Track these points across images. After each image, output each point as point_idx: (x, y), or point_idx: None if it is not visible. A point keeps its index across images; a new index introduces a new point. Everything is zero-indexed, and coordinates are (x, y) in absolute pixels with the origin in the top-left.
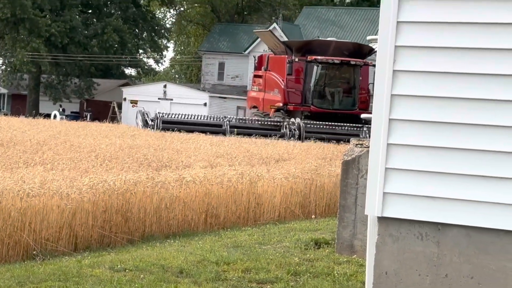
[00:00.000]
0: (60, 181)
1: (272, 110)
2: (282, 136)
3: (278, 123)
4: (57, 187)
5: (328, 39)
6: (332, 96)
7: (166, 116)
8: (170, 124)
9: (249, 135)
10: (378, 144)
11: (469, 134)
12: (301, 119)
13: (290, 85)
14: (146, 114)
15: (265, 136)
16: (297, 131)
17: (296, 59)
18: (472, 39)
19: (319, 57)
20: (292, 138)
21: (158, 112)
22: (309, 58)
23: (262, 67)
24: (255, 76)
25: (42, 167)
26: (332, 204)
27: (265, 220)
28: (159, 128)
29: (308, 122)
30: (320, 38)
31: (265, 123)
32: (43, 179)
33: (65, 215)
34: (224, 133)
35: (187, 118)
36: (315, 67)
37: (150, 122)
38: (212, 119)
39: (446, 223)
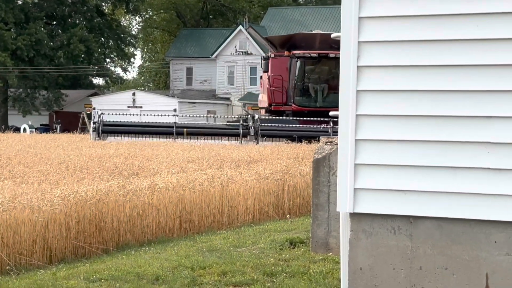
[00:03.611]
0: (31, 194)
1: (262, 111)
2: (245, 136)
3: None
4: (28, 201)
5: (313, 31)
6: (315, 93)
7: (107, 119)
8: (112, 127)
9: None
10: (347, 141)
11: (436, 126)
12: (260, 119)
13: (276, 84)
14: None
15: (221, 137)
16: (253, 132)
17: (272, 55)
18: (434, 30)
19: (296, 52)
20: (245, 140)
21: (99, 114)
22: (286, 53)
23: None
24: (261, 78)
25: (12, 181)
26: (305, 203)
27: (240, 223)
28: (99, 134)
29: (267, 119)
30: (303, 32)
31: (226, 124)
32: (14, 193)
33: (38, 228)
34: (171, 134)
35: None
36: (295, 63)
37: (92, 126)
38: (161, 121)
39: (418, 216)
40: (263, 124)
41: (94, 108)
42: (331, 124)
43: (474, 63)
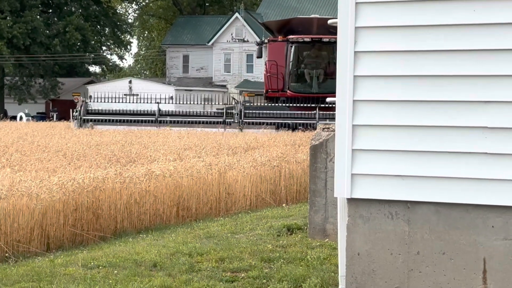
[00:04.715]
0: (29, 182)
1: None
2: (228, 124)
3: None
4: (26, 188)
5: (311, 16)
6: (311, 79)
7: (90, 107)
8: (94, 116)
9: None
10: (344, 126)
11: (433, 111)
12: (245, 105)
13: (273, 70)
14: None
15: (206, 125)
16: (237, 120)
17: (266, 41)
18: (432, 15)
19: (290, 37)
20: (229, 128)
21: (83, 100)
22: (280, 38)
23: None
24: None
25: (10, 169)
26: (302, 189)
27: (237, 210)
28: (80, 122)
29: (253, 106)
30: (300, 16)
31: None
32: (12, 181)
33: (36, 215)
34: (156, 122)
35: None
36: (289, 48)
37: (74, 114)
38: (144, 109)
39: (415, 201)
40: (248, 111)
41: (83, 99)
42: (317, 110)
43: (471, 48)
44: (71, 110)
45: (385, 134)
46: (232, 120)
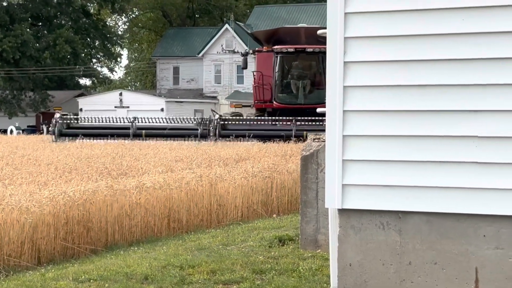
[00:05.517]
0: (19, 196)
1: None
2: (203, 137)
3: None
4: (16, 202)
5: (298, 25)
6: (297, 89)
7: (63, 122)
8: (70, 130)
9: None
10: (334, 137)
11: (424, 121)
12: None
13: (260, 81)
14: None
15: (182, 137)
16: (212, 131)
17: (251, 51)
18: (420, 25)
19: (275, 47)
20: (204, 140)
21: (61, 116)
22: (265, 49)
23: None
24: None
25: (0, 183)
26: (293, 200)
27: (229, 221)
28: (55, 136)
29: (230, 119)
30: (288, 26)
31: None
32: (1, 195)
33: (26, 229)
34: (129, 136)
35: (91, 122)
36: (275, 59)
37: (50, 129)
38: (119, 121)
39: (406, 211)
40: (225, 123)
41: (59, 115)
42: (294, 122)
43: (460, 57)
44: (43, 124)
45: (376, 144)
46: (207, 132)
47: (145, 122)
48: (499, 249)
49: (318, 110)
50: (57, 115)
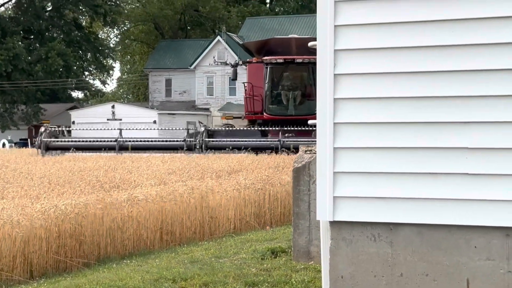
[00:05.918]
0: (11, 209)
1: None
2: (190, 149)
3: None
4: (8, 216)
5: (289, 36)
6: (287, 101)
7: (50, 136)
8: (57, 143)
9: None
10: (325, 149)
11: (414, 133)
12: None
13: (251, 92)
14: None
15: (168, 150)
16: (198, 145)
17: (240, 62)
18: (410, 37)
19: (265, 58)
20: (190, 152)
21: (43, 131)
22: (254, 59)
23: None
24: None
25: None
26: (286, 212)
27: (221, 233)
28: (41, 150)
29: (217, 131)
30: (278, 37)
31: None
32: None
33: (18, 243)
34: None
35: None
36: (265, 70)
37: (36, 143)
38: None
39: (397, 223)
40: (212, 135)
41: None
42: (280, 136)
43: (450, 69)
44: (34, 138)
45: (367, 156)
46: (194, 144)
47: (131, 141)
48: (490, 260)
49: (309, 122)
50: (42, 129)
